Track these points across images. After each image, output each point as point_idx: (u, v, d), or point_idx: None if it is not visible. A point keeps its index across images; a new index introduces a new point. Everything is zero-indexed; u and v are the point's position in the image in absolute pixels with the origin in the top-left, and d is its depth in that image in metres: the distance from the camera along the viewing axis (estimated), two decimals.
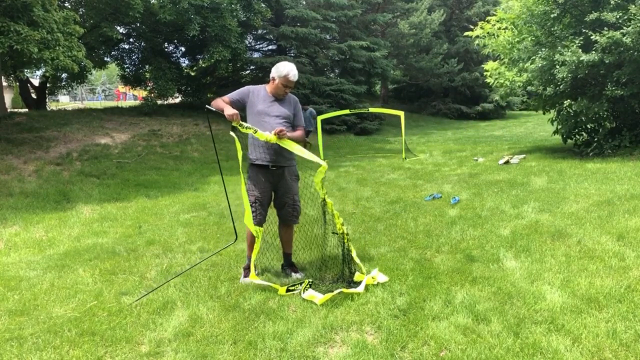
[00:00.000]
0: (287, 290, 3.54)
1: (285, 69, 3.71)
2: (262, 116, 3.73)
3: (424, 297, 3.34)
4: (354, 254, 3.84)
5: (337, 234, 3.78)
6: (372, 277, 3.66)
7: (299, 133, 3.86)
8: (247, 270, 3.93)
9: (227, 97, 3.77)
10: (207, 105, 3.68)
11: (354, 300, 3.34)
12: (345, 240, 3.76)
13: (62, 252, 5.05)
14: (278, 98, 3.81)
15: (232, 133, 3.57)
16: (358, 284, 3.58)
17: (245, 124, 3.55)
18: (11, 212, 7.03)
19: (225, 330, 3.01)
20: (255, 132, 3.55)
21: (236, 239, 4.13)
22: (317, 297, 3.37)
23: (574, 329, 2.78)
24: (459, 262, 4.01)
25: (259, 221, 3.80)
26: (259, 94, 3.80)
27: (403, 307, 3.19)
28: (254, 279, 3.68)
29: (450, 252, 4.31)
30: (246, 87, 3.87)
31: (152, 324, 3.13)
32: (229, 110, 3.52)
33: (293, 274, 3.96)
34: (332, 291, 3.44)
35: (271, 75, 3.78)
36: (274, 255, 4.35)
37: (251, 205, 3.75)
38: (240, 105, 3.79)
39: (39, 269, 4.43)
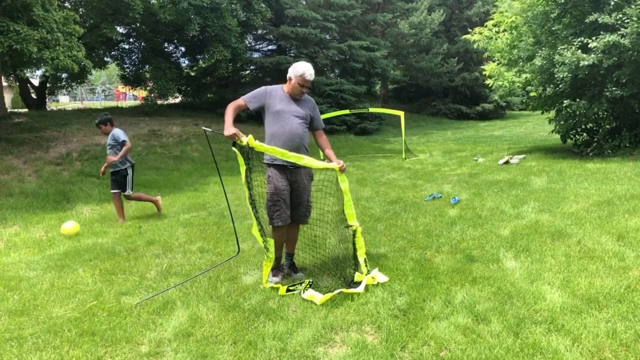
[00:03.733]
0: (287, 290, 3.54)
1: (302, 69, 3.70)
2: (280, 116, 3.71)
3: (424, 297, 3.34)
4: (359, 252, 3.80)
5: (349, 226, 3.75)
6: (372, 277, 3.66)
7: (331, 153, 3.89)
8: (275, 270, 3.88)
9: (242, 100, 3.77)
10: (203, 128, 3.73)
11: (354, 300, 3.34)
12: (350, 234, 3.75)
13: (62, 252, 5.05)
14: (295, 98, 3.80)
15: (233, 148, 3.57)
16: (358, 284, 3.58)
17: (244, 138, 3.48)
18: (11, 212, 7.03)
19: (225, 330, 3.01)
20: (251, 143, 3.50)
21: (238, 252, 4.13)
22: (317, 297, 3.37)
23: (574, 329, 2.78)
24: (459, 262, 4.01)
25: (284, 219, 3.74)
26: (276, 94, 3.79)
27: (403, 307, 3.19)
28: (266, 285, 3.68)
29: (450, 252, 4.31)
30: (263, 88, 3.86)
31: (152, 324, 3.13)
32: (227, 132, 3.47)
33: (293, 274, 3.96)
34: (332, 291, 3.44)
35: (288, 75, 3.78)
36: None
37: (274, 205, 3.71)
38: (257, 106, 3.79)
39: (39, 269, 4.42)
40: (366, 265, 3.74)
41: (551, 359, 2.54)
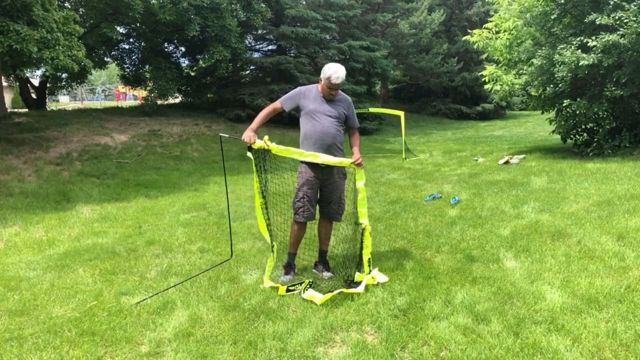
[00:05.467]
0: (287, 290, 3.55)
1: (329, 72, 3.68)
2: (312, 116, 3.76)
3: (424, 297, 3.34)
4: (365, 251, 3.78)
5: (359, 224, 3.76)
6: (372, 277, 3.66)
7: (356, 149, 3.93)
8: (287, 267, 3.93)
9: (278, 102, 3.86)
10: (220, 134, 3.84)
11: (354, 300, 3.35)
12: (357, 233, 3.75)
13: (62, 252, 5.05)
14: (328, 98, 3.82)
15: (249, 153, 3.61)
16: (358, 284, 3.58)
17: (259, 142, 3.56)
18: (11, 212, 7.03)
19: (225, 330, 3.01)
20: (267, 146, 3.59)
21: (231, 256, 4.15)
22: (317, 297, 3.37)
23: (574, 329, 2.78)
24: (459, 262, 4.01)
25: (307, 217, 3.80)
26: (309, 95, 3.83)
27: (403, 307, 3.19)
28: (267, 283, 3.69)
29: (450, 252, 4.31)
30: (298, 89, 3.92)
31: (152, 324, 3.13)
32: (245, 133, 3.57)
33: (325, 272, 3.94)
34: (332, 291, 3.44)
35: (320, 75, 3.80)
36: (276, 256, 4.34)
37: (299, 201, 3.77)
38: (292, 107, 3.85)
39: (39, 269, 4.42)
40: (369, 266, 3.75)
41: (551, 359, 2.54)
